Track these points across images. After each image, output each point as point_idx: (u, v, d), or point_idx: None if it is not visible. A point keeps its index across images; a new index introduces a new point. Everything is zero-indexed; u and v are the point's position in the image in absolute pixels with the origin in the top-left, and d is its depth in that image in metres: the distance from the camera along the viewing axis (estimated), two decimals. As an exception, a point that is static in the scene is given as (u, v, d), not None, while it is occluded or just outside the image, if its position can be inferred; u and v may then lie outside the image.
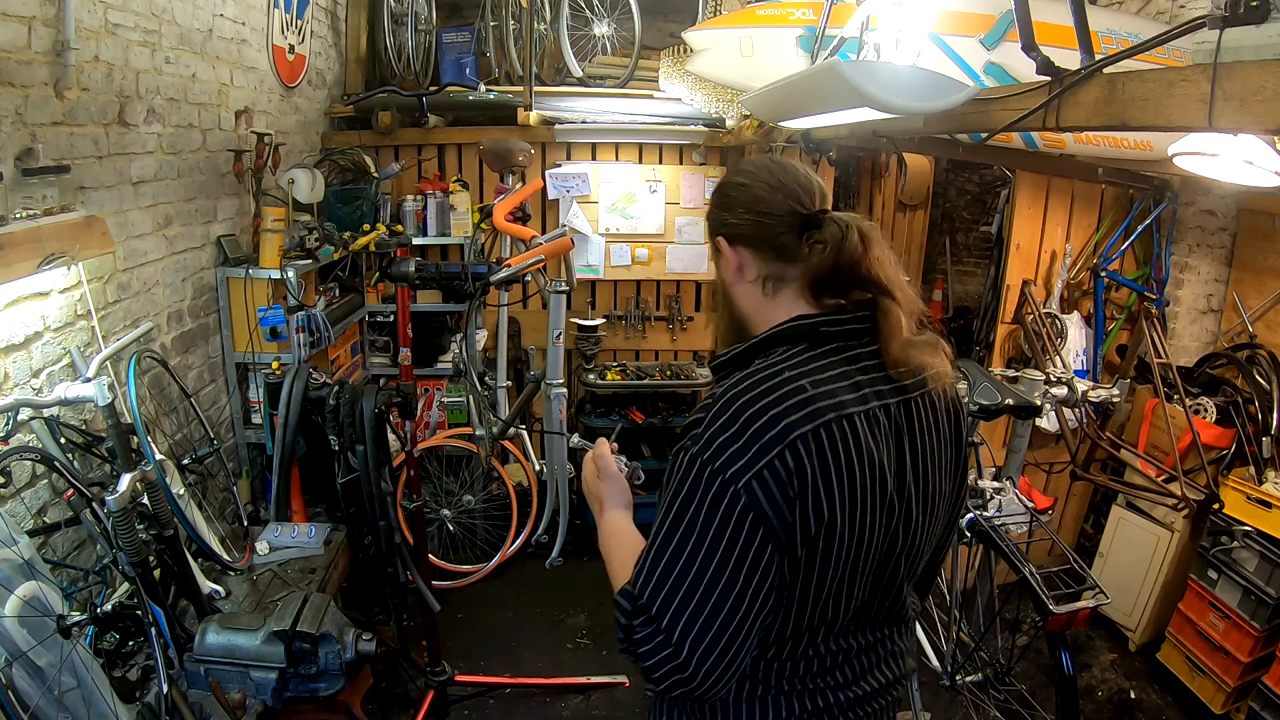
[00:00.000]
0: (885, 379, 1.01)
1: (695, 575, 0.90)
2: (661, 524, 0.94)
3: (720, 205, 1.12)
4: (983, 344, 3.86)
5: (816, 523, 0.93)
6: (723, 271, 1.13)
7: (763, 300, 1.08)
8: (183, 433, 2.46)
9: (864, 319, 1.03)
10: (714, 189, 1.19)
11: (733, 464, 0.91)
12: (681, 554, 0.91)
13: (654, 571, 0.92)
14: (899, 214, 4.69)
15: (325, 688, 1.90)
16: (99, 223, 2.04)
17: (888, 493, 0.99)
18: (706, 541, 0.91)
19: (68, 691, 1.50)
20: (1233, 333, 3.28)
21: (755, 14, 2.74)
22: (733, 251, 1.09)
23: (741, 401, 0.94)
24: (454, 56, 4.35)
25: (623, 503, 1.19)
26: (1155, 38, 1.44)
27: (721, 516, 0.90)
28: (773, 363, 0.99)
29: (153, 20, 2.38)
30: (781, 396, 0.94)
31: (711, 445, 0.92)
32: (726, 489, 0.90)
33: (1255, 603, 2.65)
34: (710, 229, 1.15)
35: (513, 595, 3.55)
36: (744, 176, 1.10)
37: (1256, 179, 2.06)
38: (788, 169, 1.10)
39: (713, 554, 0.90)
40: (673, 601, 0.91)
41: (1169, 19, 2.85)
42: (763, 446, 0.91)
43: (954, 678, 2.33)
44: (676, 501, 0.93)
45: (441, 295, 4.00)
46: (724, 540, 0.90)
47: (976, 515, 2.26)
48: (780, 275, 1.07)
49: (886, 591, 1.06)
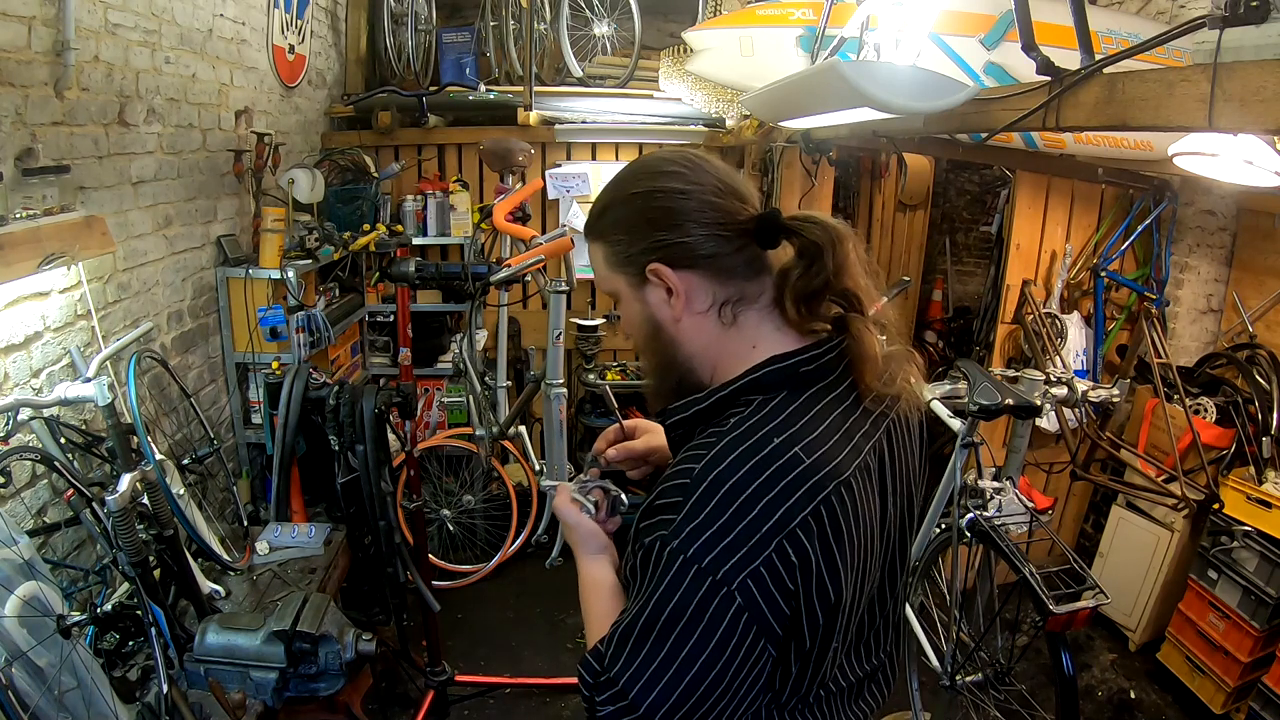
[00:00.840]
0: (865, 412, 0.89)
1: (678, 670, 0.78)
2: (640, 611, 0.80)
3: (651, 223, 0.88)
4: (983, 344, 3.86)
5: (823, 609, 0.81)
6: (657, 309, 0.91)
7: (719, 332, 0.90)
8: (183, 433, 2.46)
9: (834, 346, 0.88)
10: (613, 203, 0.93)
11: (723, 563, 0.76)
12: (662, 648, 0.78)
13: (634, 658, 0.80)
14: (899, 214, 4.69)
15: (325, 688, 1.90)
16: (99, 223, 2.04)
17: (884, 533, 0.91)
18: (692, 641, 0.77)
19: (68, 691, 1.50)
20: (1233, 333, 3.28)
21: (755, 14, 2.75)
22: (679, 279, 0.88)
23: (729, 485, 0.78)
24: (454, 56, 4.35)
25: (595, 549, 1.03)
26: (1155, 38, 1.44)
27: (711, 618, 0.76)
28: (754, 424, 0.82)
29: (153, 20, 2.38)
30: (775, 474, 0.78)
31: (696, 539, 0.77)
32: (717, 591, 0.76)
33: (1255, 603, 2.65)
34: (629, 257, 0.90)
35: (513, 595, 3.55)
36: (678, 181, 0.88)
37: (1256, 179, 2.06)
38: (716, 163, 0.92)
39: (698, 654, 0.77)
40: (653, 690, 0.79)
41: (1169, 19, 2.84)
42: (760, 541, 0.76)
43: (954, 678, 2.33)
44: (656, 594, 0.79)
45: (441, 295, 4.00)
46: (712, 643, 0.77)
47: (976, 515, 2.26)
48: (741, 296, 0.89)
49: (886, 617, 0.99)
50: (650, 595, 0.80)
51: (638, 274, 0.90)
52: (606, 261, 0.94)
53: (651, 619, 0.79)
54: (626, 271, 0.92)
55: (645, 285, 0.91)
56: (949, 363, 4.46)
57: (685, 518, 0.78)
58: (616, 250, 0.92)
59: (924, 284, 4.98)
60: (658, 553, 0.80)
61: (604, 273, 0.95)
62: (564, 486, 1.08)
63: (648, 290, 0.91)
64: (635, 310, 0.93)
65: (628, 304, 0.94)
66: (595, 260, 0.96)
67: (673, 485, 0.82)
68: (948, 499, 2.31)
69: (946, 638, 2.41)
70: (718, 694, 0.79)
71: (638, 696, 0.79)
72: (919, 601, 2.58)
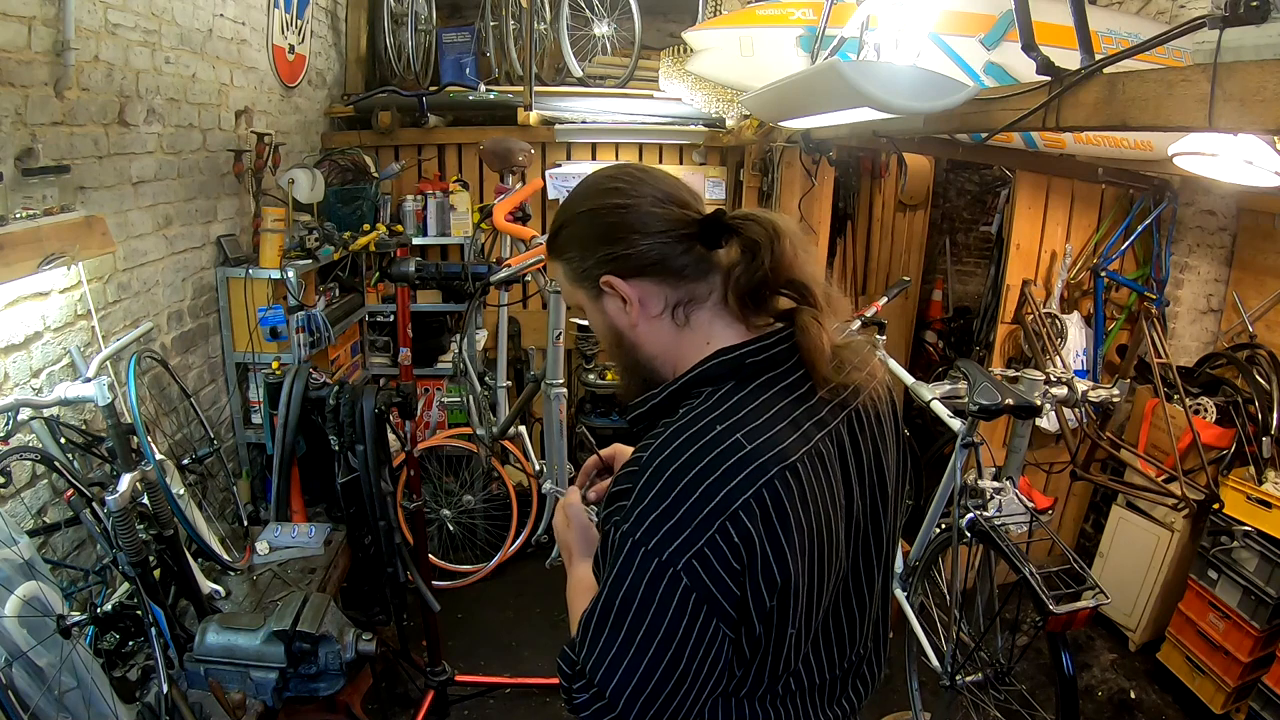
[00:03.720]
0: (821, 401, 0.91)
1: (636, 653, 0.81)
2: (599, 598, 0.84)
3: (599, 238, 0.93)
4: (983, 344, 3.87)
5: (769, 591, 0.82)
6: (615, 317, 0.96)
7: (675, 333, 0.94)
8: (183, 433, 2.46)
9: (786, 338, 0.91)
10: (566, 222, 0.98)
11: (668, 544, 0.79)
12: (620, 631, 0.81)
13: (595, 644, 0.83)
14: (899, 214, 4.69)
15: (325, 688, 1.90)
16: (99, 223, 2.04)
17: (850, 524, 0.93)
18: (646, 622, 0.80)
19: (68, 691, 1.50)
20: (1233, 333, 3.28)
21: (755, 14, 2.75)
22: (631, 288, 0.92)
23: (672, 470, 0.81)
24: (454, 56, 4.35)
25: (590, 552, 1.04)
26: (1155, 38, 1.45)
27: (661, 599, 0.80)
28: (699, 413, 0.86)
29: (153, 20, 2.38)
30: (716, 459, 0.81)
31: (643, 523, 0.80)
32: (664, 571, 0.79)
33: (1255, 603, 2.65)
34: (584, 271, 0.95)
35: (513, 595, 3.55)
36: (619, 197, 0.93)
37: (1256, 179, 2.06)
38: (655, 174, 0.96)
39: (653, 635, 0.80)
40: (615, 674, 0.82)
41: (1169, 19, 2.85)
42: (702, 522, 0.79)
43: (954, 678, 2.33)
44: (611, 578, 0.83)
45: (441, 295, 4.00)
46: (665, 623, 0.80)
47: (976, 515, 2.26)
48: (692, 297, 0.93)
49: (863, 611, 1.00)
50: (607, 581, 0.83)
51: (594, 287, 0.95)
52: (567, 277, 0.99)
53: (608, 604, 0.83)
54: (584, 285, 0.97)
55: (602, 296, 0.96)
56: (949, 363, 4.46)
57: (634, 503, 0.82)
58: (572, 267, 0.97)
59: (924, 284, 4.98)
60: (613, 539, 0.83)
61: (567, 288, 1.00)
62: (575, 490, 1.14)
63: (605, 300, 0.96)
64: (598, 320, 0.99)
65: (591, 315, 1.00)
66: (557, 277, 1.01)
67: (626, 474, 0.86)
68: (948, 499, 2.31)
69: (946, 638, 2.41)
70: (677, 677, 0.81)
71: (602, 682, 0.82)
72: (919, 601, 2.58)
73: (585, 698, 0.84)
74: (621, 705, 0.82)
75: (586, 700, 0.84)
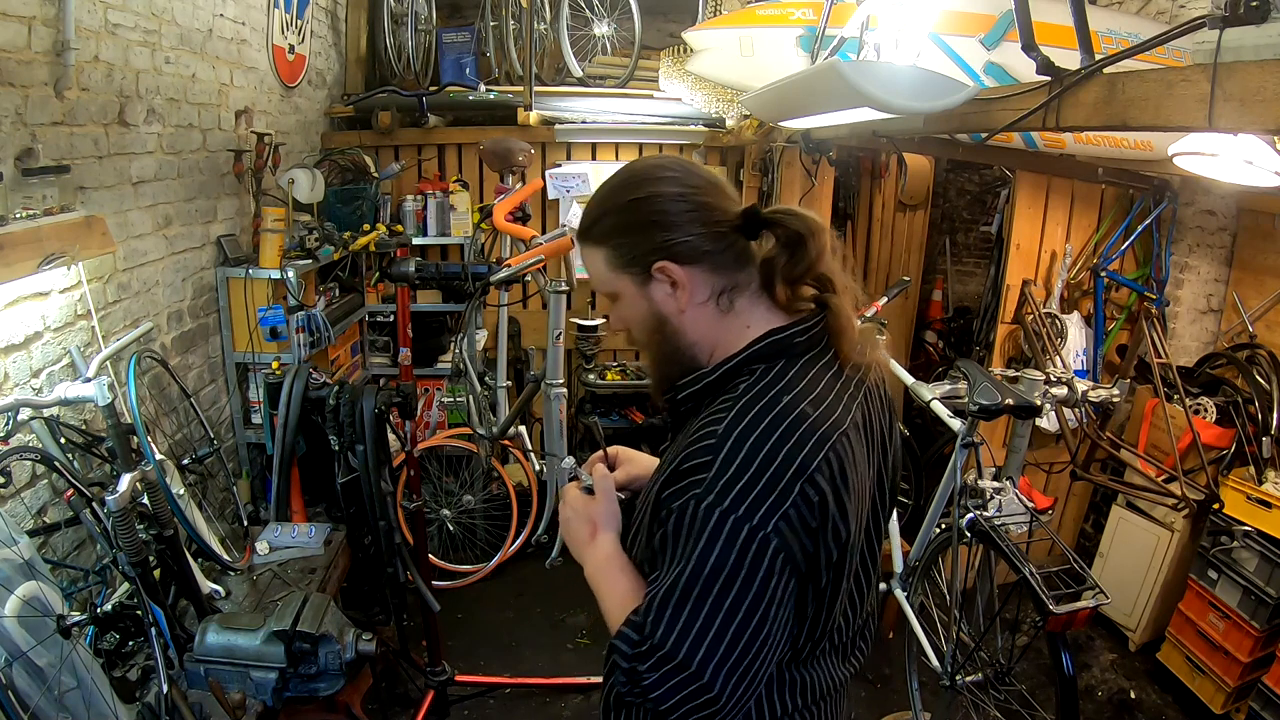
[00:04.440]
0: (846, 378, 0.99)
1: (724, 619, 0.85)
2: (683, 572, 0.87)
3: (655, 225, 0.97)
4: (983, 344, 3.87)
5: (836, 547, 0.91)
6: (662, 303, 1.00)
7: (717, 319, 1.00)
8: (183, 433, 2.46)
9: (819, 320, 0.99)
10: (610, 209, 1.01)
11: (757, 510, 0.85)
12: (707, 599, 0.85)
13: (679, 616, 0.86)
14: (899, 214, 4.69)
15: (325, 688, 1.90)
16: (99, 223, 2.04)
17: (876, 492, 1.02)
18: (736, 587, 0.85)
19: (68, 691, 1.50)
20: (1233, 333, 3.28)
21: (755, 14, 2.75)
22: (685, 274, 0.98)
23: (752, 440, 0.88)
24: (454, 56, 4.35)
25: (617, 527, 1.09)
26: (1155, 38, 1.45)
27: (751, 562, 0.85)
28: (763, 387, 0.93)
29: (153, 20, 2.38)
30: (789, 427, 0.88)
31: (730, 492, 0.86)
32: (755, 535, 0.85)
33: (1255, 603, 2.65)
34: (634, 258, 0.99)
35: (513, 595, 3.55)
36: (676, 185, 0.98)
37: (1256, 179, 2.06)
38: (700, 167, 1.03)
39: (743, 599, 0.85)
40: (703, 643, 0.85)
41: (1169, 19, 2.85)
42: (785, 487, 0.86)
43: (954, 678, 2.33)
44: (696, 552, 0.86)
45: (441, 295, 4.00)
46: (754, 586, 0.86)
47: (976, 515, 2.26)
48: (735, 285, 1.00)
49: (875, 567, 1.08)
50: (691, 553, 0.86)
51: (643, 273, 0.99)
52: (608, 264, 1.02)
53: (695, 575, 0.86)
54: (631, 271, 1.00)
55: (650, 283, 1.00)
56: (949, 363, 4.46)
57: (716, 475, 0.87)
58: (619, 253, 1.00)
59: (924, 284, 4.98)
60: (692, 512, 0.87)
61: (605, 275, 1.03)
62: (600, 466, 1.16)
63: (652, 287, 1.00)
64: (640, 307, 1.02)
65: (631, 302, 1.02)
66: (594, 264, 1.04)
67: (699, 449, 0.90)
68: (948, 499, 2.31)
69: (946, 638, 2.41)
70: (760, 639, 0.86)
71: (689, 653, 0.84)
72: (919, 601, 2.58)
73: (663, 671, 0.85)
74: (709, 672, 0.84)
75: (666, 674, 0.85)
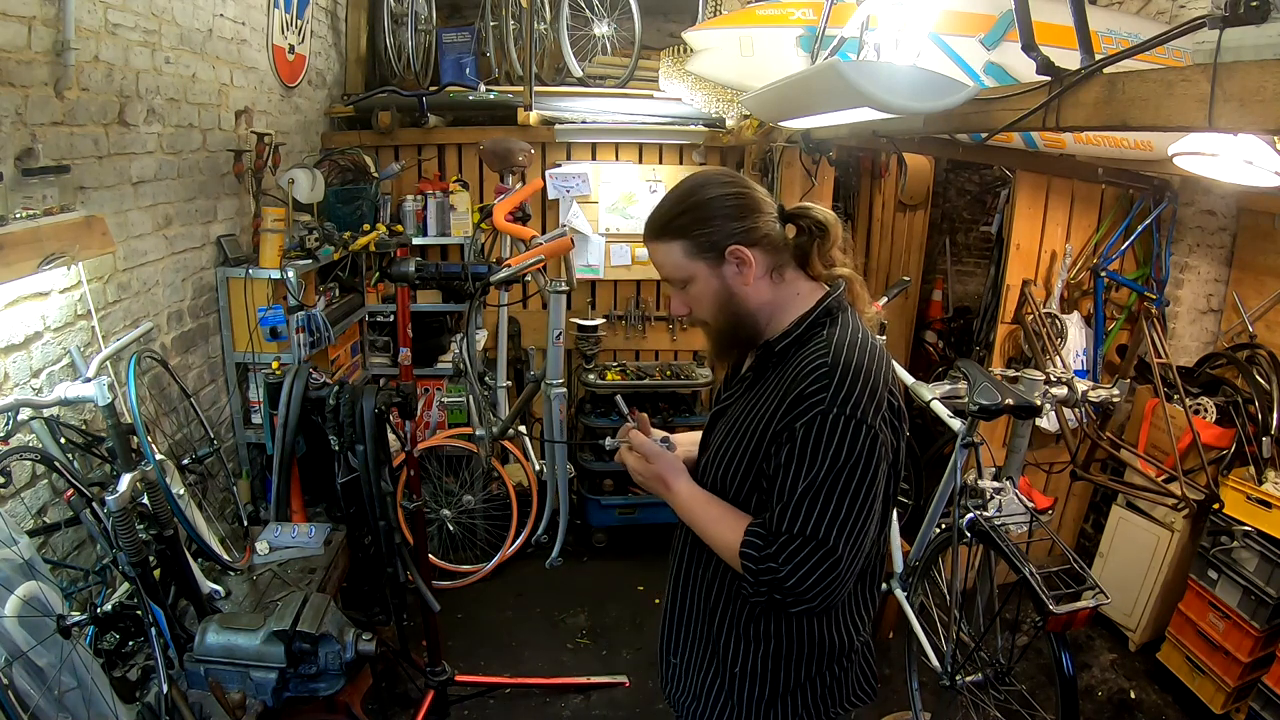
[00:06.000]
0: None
1: (850, 502, 1.13)
2: (818, 473, 1.13)
3: (732, 216, 1.24)
4: (983, 344, 3.86)
5: (897, 441, 1.23)
6: (732, 280, 1.26)
7: (773, 289, 1.28)
8: (183, 433, 2.45)
9: (842, 289, 1.31)
10: (690, 207, 1.27)
11: (868, 412, 1.15)
12: (837, 487, 1.13)
13: (825, 509, 1.13)
14: (899, 214, 4.68)
15: (325, 688, 1.90)
16: (99, 223, 2.04)
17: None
18: (857, 475, 1.14)
19: (68, 691, 1.50)
20: (1233, 333, 3.28)
21: (755, 14, 2.74)
22: (752, 254, 1.24)
23: (854, 364, 1.17)
24: (454, 56, 4.34)
25: (682, 469, 1.34)
26: (1155, 38, 1.44)
27: (867, 453, 1.14)
28: (844, 332, 1.23)
29: (153, 20, 2.38)
30: (871, 351, 1.21)
31: (849, 403, 1.14)
32: (870, 432, 1.14)
33: (1255, 603, 2.65)
34: (712, 244, 1.25)
35: (513, 595, 3.56)
36: (743, 186, 1.27)
37: (1256, 179, 2.06)
38: (740, 174, 1.33)
39: (862, 483, 1.14)
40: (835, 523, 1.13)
41: (1169, 19, 2.85)
42: (881, 393, 1.17)
43: (954, 678, 2.33)
44: (829, 454, 1.13)
45: (441, 295, 4.00)
46: (870, 472, 1.15)
47: (976, 515, 2.26)
48: (781, 263, 1.28)
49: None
50: (823, 456, 1.14)
51: (718, 256, 1.25)
52: (686, 253, 1.27)
53: (828, 473, 1.14)
54: (707, 256, 1.26)
55: (723, 264, 1.26)
56: (949, 363, 4.46)
57: (835, 391, 1.15)
58: (698, 241, 1.25)
59: (924, 284, 4.98)
60: (819, 424, 1.15)
61: (680, 263, 1.28)
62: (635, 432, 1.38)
63: (725, 267, 1.26)
64: (712, 285, 1.28)
65: (703, 283, 1.28)
66: (670, 255, 1.28)
67: (815, 378, 1.17)
68: (948, 499, 2.31)
69: (946, 638, 2.41)
70: (869, 511, 1.16)
71: (826, 531, 1.13)
72: (919, 601, 2.58)
73: (802, 555, 1.13)
74: (842, 546, 1.13)
75: (804, 557, 1.13)
